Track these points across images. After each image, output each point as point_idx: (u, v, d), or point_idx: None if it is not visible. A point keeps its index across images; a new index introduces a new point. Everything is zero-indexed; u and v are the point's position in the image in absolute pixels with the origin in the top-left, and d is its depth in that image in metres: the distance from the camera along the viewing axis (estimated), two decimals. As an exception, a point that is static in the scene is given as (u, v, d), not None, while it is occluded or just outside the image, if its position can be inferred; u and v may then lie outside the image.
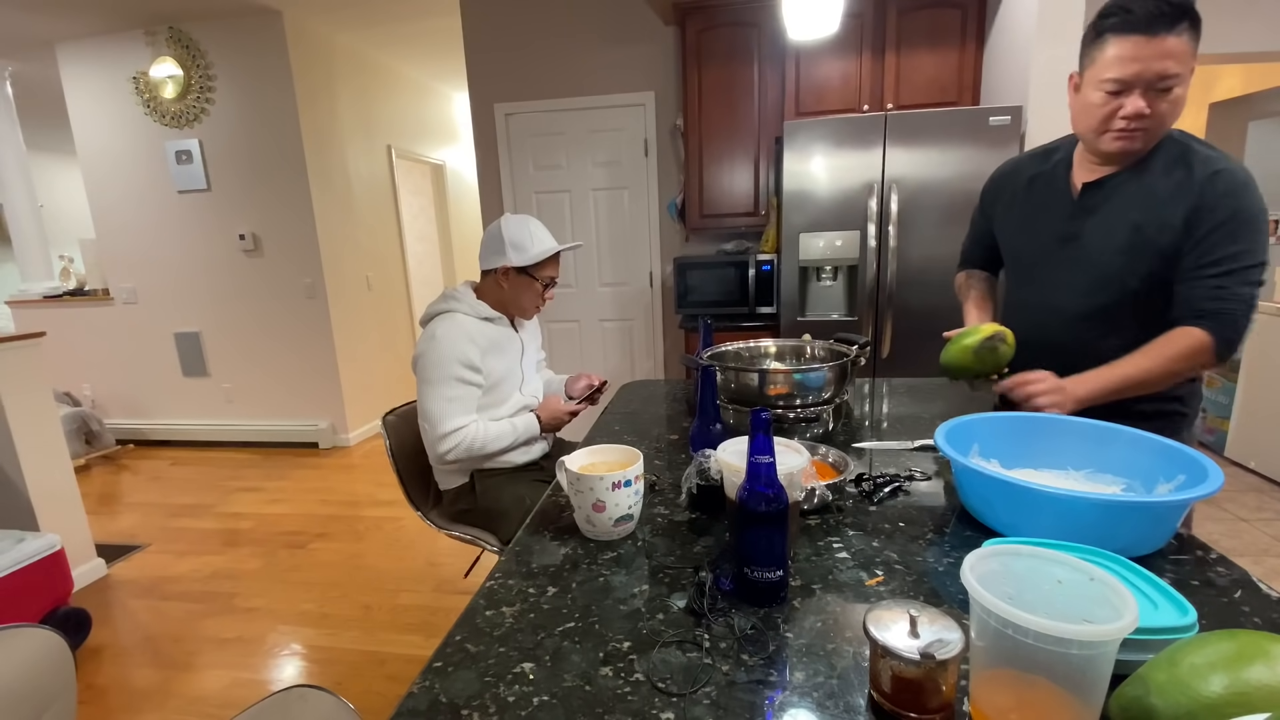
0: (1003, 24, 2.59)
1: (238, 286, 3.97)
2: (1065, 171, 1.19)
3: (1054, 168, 1.22)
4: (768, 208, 3.07)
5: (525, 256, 1.51)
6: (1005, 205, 1.31)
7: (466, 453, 1.46)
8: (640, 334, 3.64)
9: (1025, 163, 1.29)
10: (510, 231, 1.51)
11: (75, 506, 2.45)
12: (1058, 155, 1.22)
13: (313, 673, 1.90)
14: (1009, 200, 1.30)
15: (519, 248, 1.50)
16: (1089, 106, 1.05)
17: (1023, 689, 0.49)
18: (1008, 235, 1.33)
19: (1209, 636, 0.49)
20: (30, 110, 4.92)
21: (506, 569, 0.83)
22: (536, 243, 1.52)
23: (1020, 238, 1.28)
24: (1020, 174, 1.28)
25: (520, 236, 1.51)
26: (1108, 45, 0.99)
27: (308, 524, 2.95)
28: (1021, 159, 1.31)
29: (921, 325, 2.58)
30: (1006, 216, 1.31)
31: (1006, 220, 1.32)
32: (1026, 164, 1.28)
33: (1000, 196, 1.33)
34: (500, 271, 1.53)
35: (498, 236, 1.52)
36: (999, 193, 1.33)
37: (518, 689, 0.60)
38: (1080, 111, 1.09)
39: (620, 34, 3.29)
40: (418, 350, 1.49)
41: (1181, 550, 0.79)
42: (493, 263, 1.53)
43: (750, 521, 0.69)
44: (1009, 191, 1.30)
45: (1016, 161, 1.32)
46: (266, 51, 3.60)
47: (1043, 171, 1.24)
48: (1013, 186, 1.29)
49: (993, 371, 1.19)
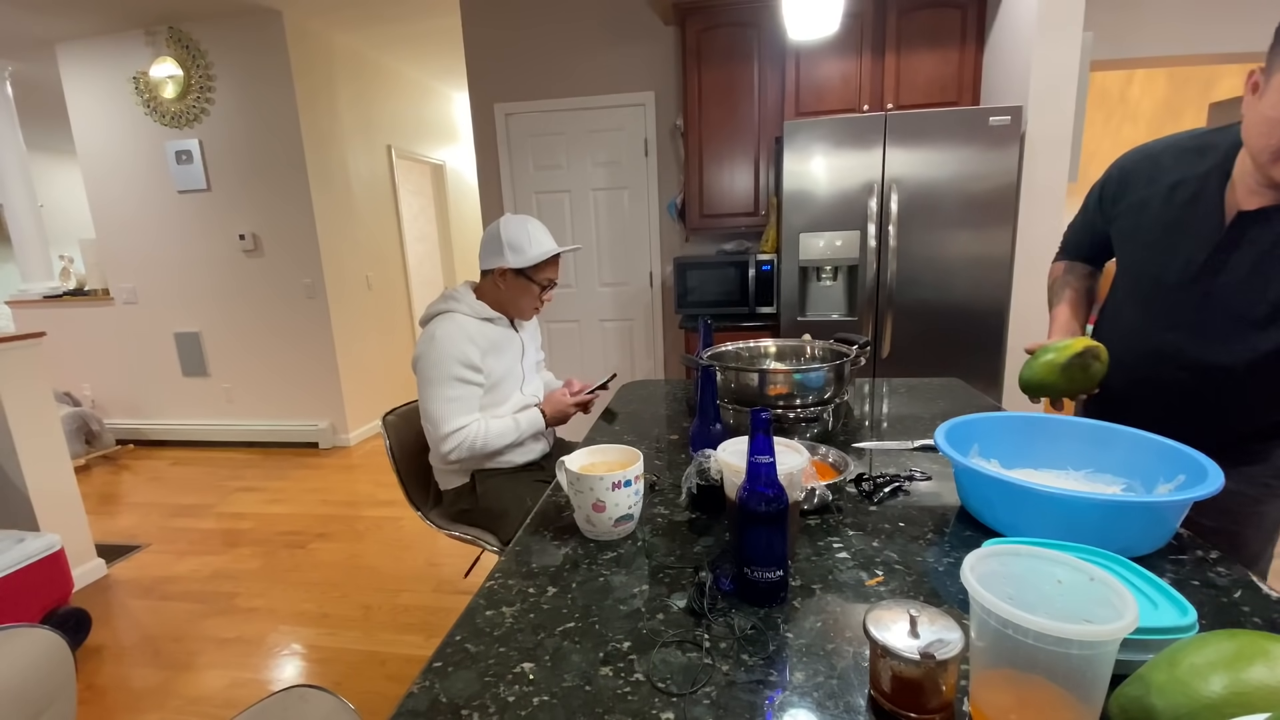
0: (1003, 24, 2.59)
1: (238, 286, 3.97)
2: (1219, 185, 0.96)
3: (1206, 176, 0.98)
4: (768, 208, 3.07)
5: (523, 259, 1.50)
6: (1134, 208, 1.08)
7: (470, 452, 1.46)
8: (640, 334, 3.64)
9: (1167, 158, 1.04)
10: (508, 233, 1.50)
11: (75, 506, 2.45)
12: (1210, 159, 0.98)
13: (313, 673, 1.90)
14: (1139, 203, 1.07)
15: (517, 249, 1.50)
16: (1273, 120, 0.83)
17: (1023, 689, 0.49)
18: (1131, 247, 1.10)
19: (1209, 636, 0.49)
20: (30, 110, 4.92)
21: (506, 569, 0.83)
22: (535, 244, 1.51)
23: (1146, 254, 1.06)
24: (1161, 173, 1.04)
25: (518, 238, 1.50)
26: None
27: (308, 524, 2.95)
28: (1162, 150, 1.06)
29: (921, 325, 2.59)
30: (1134, 223, 1.08)
31: (1133, 228, 1.08)
32: (1169, 161, 1.04)
33: (1127, 193, 1.09)
34: (498, 273, 1.52)
35: (496, 238, 1.51)
36: (1126, 188, 1.09)
37: (518, 689, 0.60)
38: (1258, 121, 0.85)
39: (620, 34, 3.29)
40: (418, 351, 1.49)
41: (1181, 550, 0.79)
42: (491, 264, 1.53)
43: (750, 521, 0.69)
44: (1141, 192, 1.07)
45: (1155, 153, 1.06)
46: (266, 51, 3.60)
47: (1190, 178, 1.00)
48: (1147, 187, 1.06)
49: (1081, 391, 1.06)
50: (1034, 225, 2.48)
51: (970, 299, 2.53)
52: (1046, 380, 1.05)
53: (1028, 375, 1.08)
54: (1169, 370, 1.05)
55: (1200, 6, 2.89)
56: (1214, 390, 1.01)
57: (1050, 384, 1.05)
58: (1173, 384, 1.05)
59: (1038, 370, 1.06)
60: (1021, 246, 2.50)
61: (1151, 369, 1.07)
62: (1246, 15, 2.86)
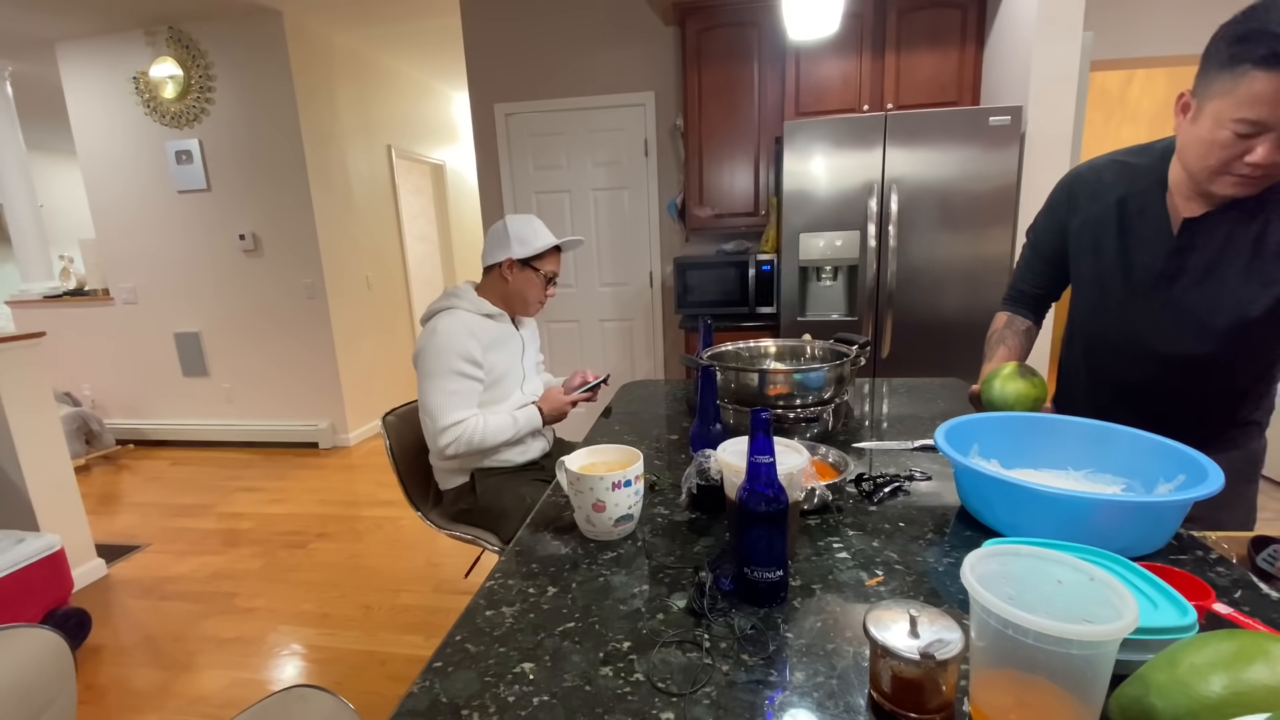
0: (1003, 24, 2.59)
1: (238, 286, 3.97)
2: (1160, 196, 1.03)
3: (1147, 191, 1.04)
4: (768, 208, 3.07)
5: (529, 248, 1.55)
6: (1088, 225, 1.13)
7: (467, 446, 1.46)
8: (640, 334, 3.64)
9: (1109, 175, 1.10)
10: (514, 227, 1.56)
11: (75, 506, 2.45)
12: (1149, 175, 1.04)
13: (313, 673, 1.90)
14: (1091, 220, 1.12)
15: (523, 240, 1.55)
16: (1207, 143, 0.89)
17: (1023, 689, 0.49)
18: (1089, 260, 1.14)
19: (1209, 636, 0.49)
20: (30, 110, 4.93)
21: (506, 569, 0.83)
22: (540, 236, 1.57)
23: (1103, 267, 1.12)
24: (1104, 189, 1.10)
25: (524, 231, 1.56)
26: (1251, 79, 0.82)
27: (308, 524, 2.95)
28: (1102, 166, 1.12)
29: (921, 325, 2.59)
30: (1092, 237, 1.13)
31: (1092, 242, 1.13)
32: (1110, 177, 1.09)
33: (1077, 210, 1.14)
34: (505, 264, 1.56)
35: (502, 231, 1.56)
36: (1074, 205, 1.15)
37: (518, 689, 0.60)
38: (1193, 143, 0.91)
39: (620, 34, 3.29)
40: (419, 345, 1.49)
41: (1182, 550, 0.79)
42: (496, 256, 1.56)
43: (750, 521, 0.69)
44: (1089, 208, 1.13)
45: (1096, 170, 1.12)
46: (266, 51, 3.60)
47: (1134, 193, 1.06)
48: (1095, 203, 1.12)
49: (1040, 398, 1.12)
50: (1034, 225, 2.48)
51: (970, 299, 2.53)
52: (1009, 389, 1.11)
53: (991, 394, 1.14)
54: (1143, 369, 1.11)
55: (1200, 7, 2.89)
56: (1191, 383, 1.07)
57: (1006, 405, 1.11)
58: (1151, 383, 1.10)
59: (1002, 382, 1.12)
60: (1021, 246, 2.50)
61: (1131, 373, 1.12)
62: (1246, 15, 2.86)
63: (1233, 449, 1.09)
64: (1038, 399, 1.11)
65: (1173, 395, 1.09)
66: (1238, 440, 1.10)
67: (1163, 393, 1.10)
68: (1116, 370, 1.15)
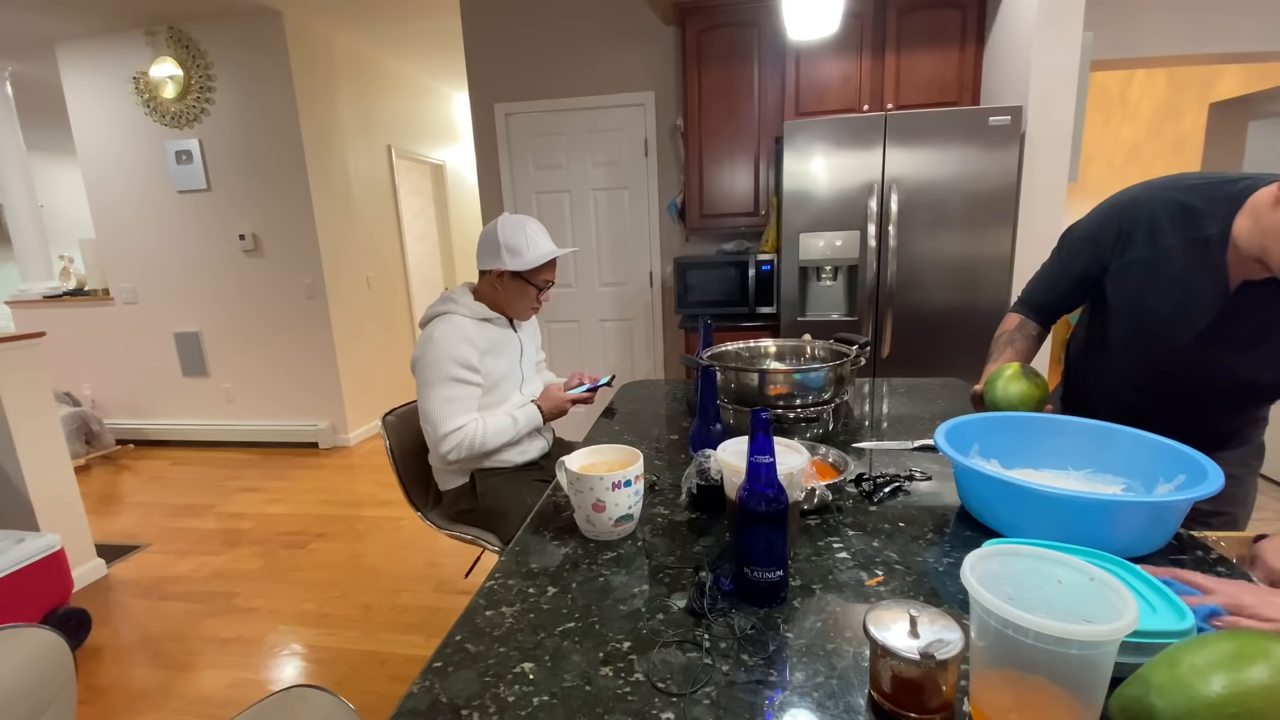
0: (1003, 24, 2.59)
1: (238, 286, 3.97)
2: (1221, 251, 0.96)
3: (1207, 243, 0.97)
4: (768, 208, 3.07)
5: (520, 261, 1.49)
6: (1132, 266, 1.07)
7: (469, 451, 1.46)
8: (640, 334, 3.64)
9: (1166, 218, 1.02)
10: (505, 235, 1.49)
11: (75, 506, 2.45)
12: (1213, 223, 0.96)
13: (313, 673, 1.90)
14: (1138, 263, 1.06)
15: (514, 252, 1.49)
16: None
17: (1023, 689, 0.49)
18: (1127, 301, 1.10)
19: (1209, 637, 0.49)
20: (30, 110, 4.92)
21: (506, 569, 0.83)
22: (532, 247, 1.50)
23: (1144, 313, 1.07)
24: (1160, 234, 1.03)
25: (515, 241, 1.49)
26: None
27: (308, 524, 2.95)
28: (1159, 206, 1.03)
29: (922, 325, 2.58)
30: (1131, 280, 1.08)
31: (1137, 286, 1.08)
32: (1168, 221, 1.02)
33: (1126, 249, 1.07)
34: (495, 275, 1.52)
35: (493, 239, 1.50)
36: (1123, 243, 1.08)
37: (518, 689, 0.60)
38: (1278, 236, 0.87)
39: (620, 34, 3.29)
40: (416, 353, 1.49)
41: (1182, 550, 0.79)
42: (488, 265, 1.53)
43: (750, 521, 0.69)
44: (1139, 251, 1.06)
45: (1153, 209, 1.04)
46: (266, 51, 3.60)
47: (1190, 241, 0.99)
48: (1147, 248, 1.05)
49: (1043, 397, 1.12)
50: (1034, 225, 2.48)
51: (970, 299, 2.53)
52: (1011, 390, 1.11)
53: (994, 394, 1.13)
54: (1173, 404, 1.11)
55: (1200, 6, 2.89)
56: (1218, 416, 1.10)
57: (1010, 406, 1.11)
58: (1186, 419, 1.10)
59: (1005, 383, 1.12)
60: (1021, 246, 2.50)
61: (1160, 407, 1.13)
62: (1246, 15, 2.86)
63: (1242, 445, 1.13)
64: (1040, 400, 1.11)
65: (1203, 427, 1.10)
66: (1247, 437, 1.14)
67: (1197, 425, 1.10)
68: (1153, 407, 1.13)
